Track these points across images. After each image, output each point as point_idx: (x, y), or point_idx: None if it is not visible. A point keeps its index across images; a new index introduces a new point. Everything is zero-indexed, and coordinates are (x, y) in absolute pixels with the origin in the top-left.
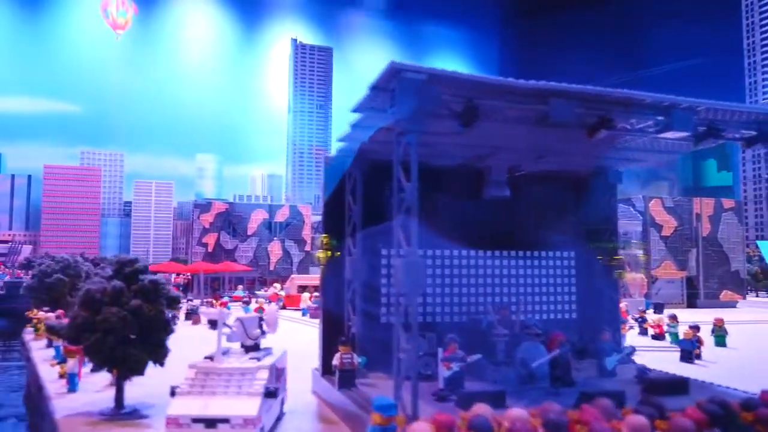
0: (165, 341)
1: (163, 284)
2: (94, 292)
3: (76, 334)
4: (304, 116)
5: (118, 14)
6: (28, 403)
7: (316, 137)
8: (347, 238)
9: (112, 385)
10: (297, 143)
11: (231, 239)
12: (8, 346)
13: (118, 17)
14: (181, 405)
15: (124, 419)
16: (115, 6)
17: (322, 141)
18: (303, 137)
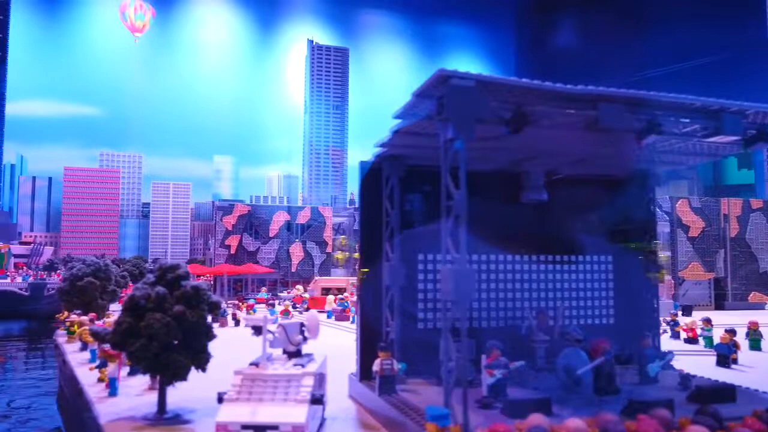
0: (207, 347)
1: (204, 290)
2: (139, 298)
3: (121, 339)
4: (321, 117)
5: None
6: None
7: (333, 138)
8: (385, 243)
9: (151, 390)
10: (314, 144)
11: (253, 241)
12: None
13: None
14: (229, 412)
15: (168, 424)
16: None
17: (338, 141)
18: (320, 138)
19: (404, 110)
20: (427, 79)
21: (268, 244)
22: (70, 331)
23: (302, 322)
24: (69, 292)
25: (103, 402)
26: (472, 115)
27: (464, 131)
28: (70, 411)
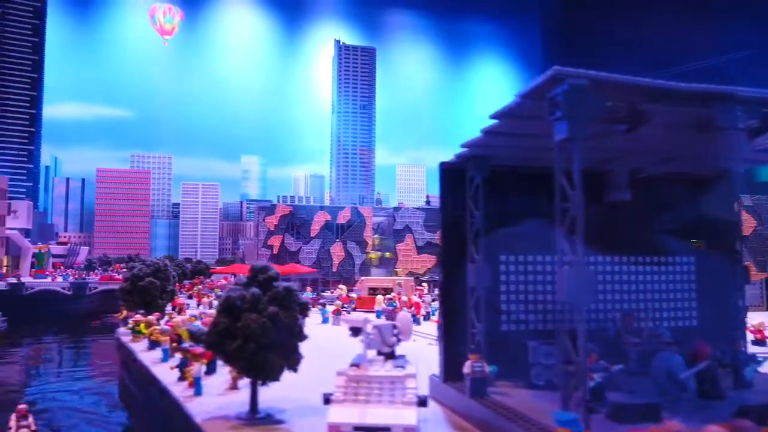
0: (299, 347)
1: (295, 291)
2: (234, 299)
3: (217, 340)
4: (348, 117)
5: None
6: (128, 402)
7: (360, 137)
8: (469, 244)
9: (232, 389)
10: (341, 144)
11: (295, 241)
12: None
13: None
14: (339, 413)
15: (264, 424)
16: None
17: (366, 141)
18: (347, 138)
19: (506, 111)
20: (538, 79)
21: (310, 244)
22: (135, 330)
23: (394, 324)
24: (130, 291)
25: (190, 401)
26: (587, 115)
27: (580, 131)
28: (143, 408)
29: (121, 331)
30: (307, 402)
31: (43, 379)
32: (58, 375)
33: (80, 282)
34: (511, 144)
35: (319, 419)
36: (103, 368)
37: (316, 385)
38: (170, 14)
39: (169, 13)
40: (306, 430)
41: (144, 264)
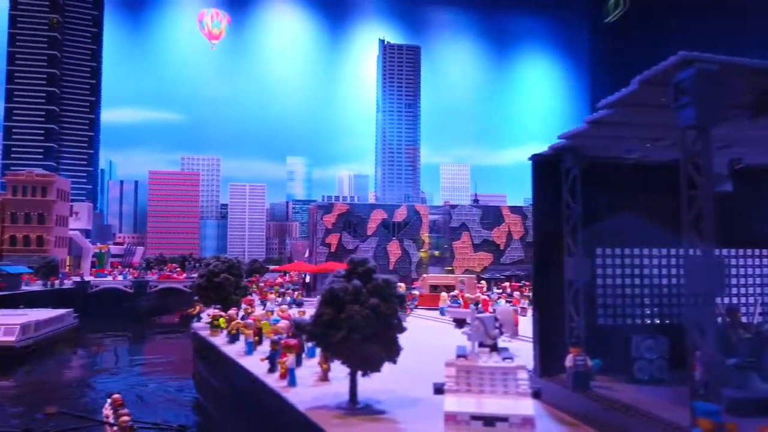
0: (398, 339)
1: (394, 283)
2: (338, 291)
3: (322, 331)
4: (393, 115)
5: (213, 25)
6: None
7: (406, 136)
8: (566, 238)
9: (322, 381)
10: (387, 143)
11: (352, 239)
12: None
13: (213, 28)
14: (456, 402)
15: (367, 414)
16: (210, 17)
17: (411, 140)
18: (393, 136)
19: (619, 99)
20: (660, 64)
21: (367, 242)
22: (213, 324)
23: (495, 316)
24: (206, 287)
25: (287, 391)
26: (717, 101)
27: (710, 118)
28: (228, 398)
29: (197, 326)
30: (399, 393)
31: (118, 371)
32: (132, 368)
33: (141, 281)
34: (616, 134)
35: (417, 409)
36: (173, 361)
37: (402, 376)
38: (218, 19)
39: (217, 18)
40: (412, 419)
41: (219, 260)
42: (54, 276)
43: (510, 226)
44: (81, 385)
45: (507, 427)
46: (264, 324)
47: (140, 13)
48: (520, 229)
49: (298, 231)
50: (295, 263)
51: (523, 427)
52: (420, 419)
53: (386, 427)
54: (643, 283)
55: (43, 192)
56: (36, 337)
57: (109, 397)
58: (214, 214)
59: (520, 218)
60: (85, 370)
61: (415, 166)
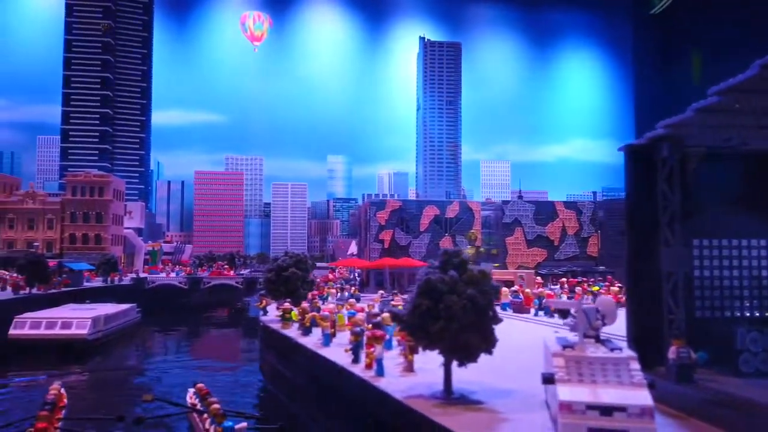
0: (494, 330)
1: (489, 274)
2: (435, 282)
3: (420, 321)
4: (434, 113)
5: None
6: (276, 381)
7: (447, 133)
8: (663, 229)
9: (407, 371)
10: (428, 140)
11: (405, 235)
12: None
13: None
14: (570, 392)
15: (466, 403)
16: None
17: (452, 136)
18: (434, 134)
19: (737, 84)
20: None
21: (419, 239)
22: (285, 317)
23: (597, 307)
24: (275, 281)
25: (377, 381)
26: None
27: None
28: (306, 388)
29: (266, 319)
30: (487, 385)
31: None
32: (196, 359)
33: (195, 277)
34: (721, 122)
35: (513, 400)
36: (234, 353)
37: (482, 369)
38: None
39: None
40: (513, 410)
41: (287, 255)
42: (114, 272)
43: (564, 222)
44: (153, 375)
45: (625, 417)
46: (339, 316)
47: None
48: (575, 225)
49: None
50: (350, 259)
51: (641, 418)
52: (521, 410)
53: (490, 417)
54: (743, 275)
55: (100, 192)
56: (105, 330)
57: (193, 387)
58: (258, 212)
59: (574, 213)
60: (153, 361)
61: (456, 163)
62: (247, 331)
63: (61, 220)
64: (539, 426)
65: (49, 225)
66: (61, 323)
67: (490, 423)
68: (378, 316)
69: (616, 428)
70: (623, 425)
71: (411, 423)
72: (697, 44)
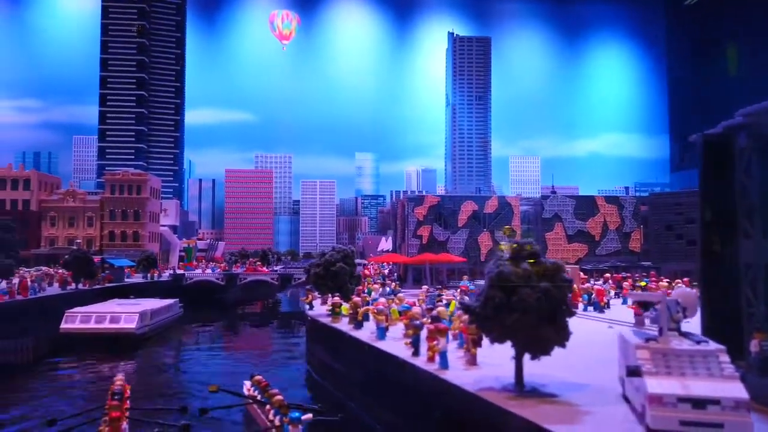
0: (568, 323)
1: (563, 266)
2: (508, 274)
3: (493, 313)
4: (464, 108)
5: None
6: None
7: (477, 129)
8: (742, 220)
9: (471, 365)
10: (457, 136)
11: (443, 231)
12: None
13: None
14: (659, 384)
15: (539, 396)
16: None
17: (482, 132)
18: (463, 130)
19: None
20: None
21: (458, 234)
22: (335, 312)
23: (677, 300)
24: (323, 276)
25: (444, 374)
26: None
27: None
28: (364, 382)
29: (313, 313)
30: (557, 378)
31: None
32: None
33: (232, 274)
34: None
35: (587, 393)
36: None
37: (547, 362)
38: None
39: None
40: (590, 403)
41: (334, 250)
42: (153, 269)
43: (605, 217)
44: (202, 369)
45: (719, 410)
46: (393, 310)
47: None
48: (617, 220)
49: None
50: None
51: (736, 410)
52: (598, 403)
53: (570, 410)
54: None
55: (138, 190)
56: (151, 324)
57: (250, 379)
58: (287, 210)
59: (615, 208)
60: (200, 355)
61: (486, 159)
62: (282, 325)
63: (100, 218)
64: (622, 419)
65: (89, 222)
66: (110, 318)
67: (573, 416)
68: (433, 310)
69: (711, 421)
70: (718, 418)
71: (486, 415)
72: (733, 35)
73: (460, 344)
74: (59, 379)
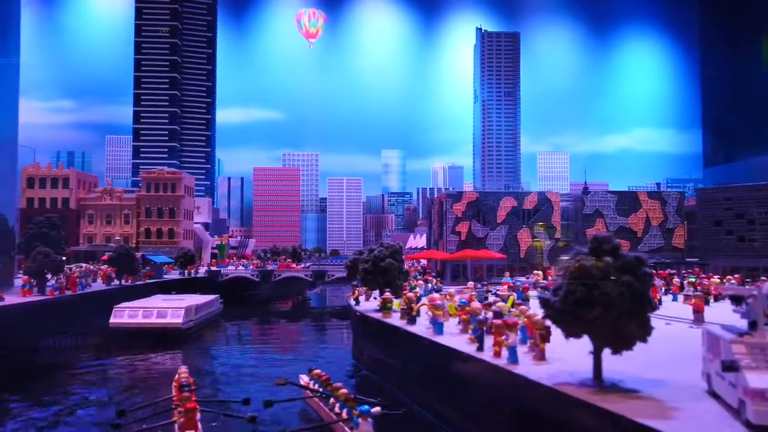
0: (650, 318)
1: (645, 260)
2: (590, 268)
3: (573, 308)
4: (492, 105)
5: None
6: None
7: (505, 125)
8: None
9: (539, 360)
10: (485, 133)
11: (482, 227)
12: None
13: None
14: (761, 379)
15: (620, 392)
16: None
17: (511, 128)
18: (491, 126)
19: None
20: None
21: (496, 230)
22: (386, 307)
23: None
24: (372, 272)
25: (514, 369)
26: None
27: None
28: (412, 375)
29: (362, 309)
30: (632, 374)
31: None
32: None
33: (266, 270)
34: None
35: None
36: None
37: (616, 357)
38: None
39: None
40: (674, 399)
41: (382, 246)
42: (190, 265)
43: (648, 212)
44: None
45: None
46: (450, 306)
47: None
48: (660, 216)
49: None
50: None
51: None
52: (685, 399)
53: (657, 405)
54: None
55: (173, 188)
56: (195, 319)
57: (309, 373)
58: (314, 207)
59: (659, 204)
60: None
61: (515, 156)
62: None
63: (136, 216)
64: (716, 415)
65: (126, 220)
66: (156, 312)
67: (664, 412)
68: (493, 305)
69: None
70: None
71: (569, 410)
72: (765, 27)
73: (522, 340)
74: (114, 371)
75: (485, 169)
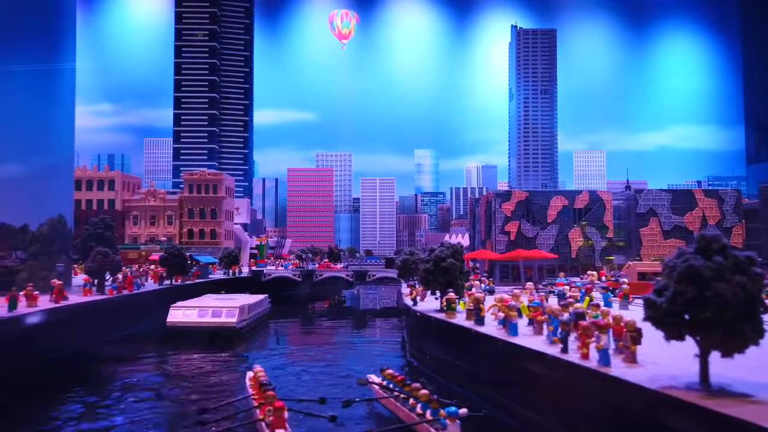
0: (763, 320)
1: (756, 260)
2: (700, 268)
3: (682, 309)
4: (528, 103)
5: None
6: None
7: (542, 123)
8: None
9: (630, 362)
10: (521, 131)
11: (531, 227)
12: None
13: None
14: None
15: (732, 396)
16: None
17: (547, 126)
18: (528, 124)
19: None
20: None
21: (547, 230)
22: (451, 307)
23: None
24: (433, 272)
25: (609, 371)
26: None
27: None
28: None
29: (421, 309)
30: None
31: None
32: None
33: (308, 270)
34: None
35: None
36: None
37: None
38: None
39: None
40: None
41: (443, 246)
42: (234, 265)
43: (704, 211)
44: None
45: None
46: (523, 306)
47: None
48: (716, 214)
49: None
50: (479, 251)
51: None
52: None
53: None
54: None
55: (214, 189)
56: (248, 319)
57: (381, 372)
58: (347, 207)
59: (715, 202)
60: (297, 349)
61: (552, 154)
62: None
63: (179, 217)
64: None
65: (169, 221)
66: (211, 312)
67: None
68: (570, 308)
69: None
70: None
71: (679, 414)
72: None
73: None
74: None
75: (521, 167)
